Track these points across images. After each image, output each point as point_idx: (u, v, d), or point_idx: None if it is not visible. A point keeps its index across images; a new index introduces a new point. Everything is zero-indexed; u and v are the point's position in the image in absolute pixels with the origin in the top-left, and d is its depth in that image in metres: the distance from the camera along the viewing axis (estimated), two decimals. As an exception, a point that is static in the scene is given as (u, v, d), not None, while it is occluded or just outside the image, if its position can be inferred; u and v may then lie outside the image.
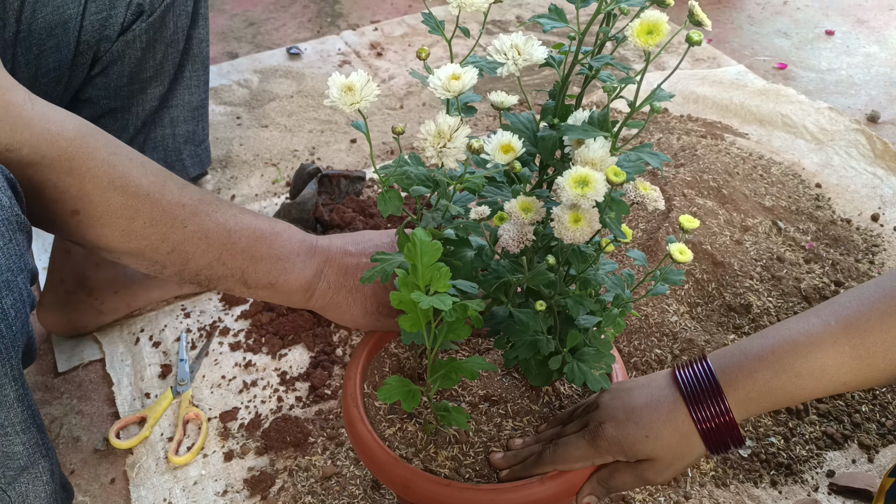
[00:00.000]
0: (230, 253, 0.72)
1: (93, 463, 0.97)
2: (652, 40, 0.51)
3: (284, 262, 0.75)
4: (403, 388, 0.66)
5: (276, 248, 0.75)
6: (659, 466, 0.67)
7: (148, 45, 0.95)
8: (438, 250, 0.59)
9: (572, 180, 0.54)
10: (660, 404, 0.66)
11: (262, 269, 0.74)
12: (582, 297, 0.63)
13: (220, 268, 0.72)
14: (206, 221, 0.71)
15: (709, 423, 0.64)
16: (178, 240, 0.70)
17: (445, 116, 0.58)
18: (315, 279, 0.76)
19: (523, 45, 0.58)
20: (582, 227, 0.56)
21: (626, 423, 0.66)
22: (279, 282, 0.75)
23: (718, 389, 0.64)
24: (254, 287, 0.74)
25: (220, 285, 0.74)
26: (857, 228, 1.26)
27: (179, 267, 0.71)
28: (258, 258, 0.74)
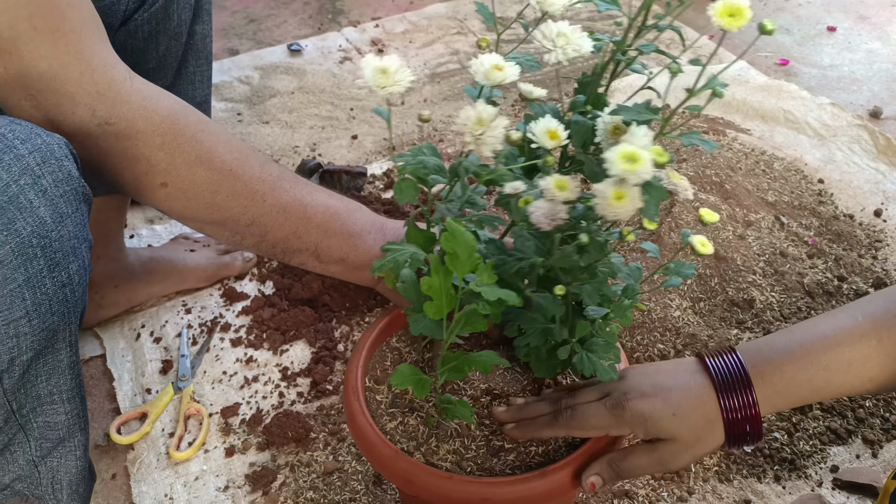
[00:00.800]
0: (305, 227, 0.76)
1: (94, 458, 0.97)
2: (735, 23, 0.52)
3: (356, 239, 0.78)
4: (415, 377, 0.66)
5: (349, 224, 0.79)
6: (678, 448, 0.66)
7: (150, 35, 0.95)
8: (474, 244, 0.58)
9: (621, 156, 0.53)
10: (689, 387, 0.66)
11: (335, 244, 0.78)
12: (601, 283, 0.63)
13: (295, 241, 0.76)
14: (283, 197, 0.75)
15: (735, 412, 0.64)
16: (258, 213, 0.74)
17: (485, 105, 0.58)
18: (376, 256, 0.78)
19: (570, 33, 0.58)
20: (625, 204, 0.55)
21: (655, 398, 0.66)
22: (350, 257, 0.78)
23: (748, 381, 0.64)
24: (326, 261, 0.78)
25: (294, 258, 0.78)
26: (859, 224, 1.26)
27: (258, 239, 0.75)
28: (331, 233, 0.77)
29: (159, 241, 1.27)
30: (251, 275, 1.21)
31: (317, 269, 0.79)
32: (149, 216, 1.33)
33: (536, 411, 0.71)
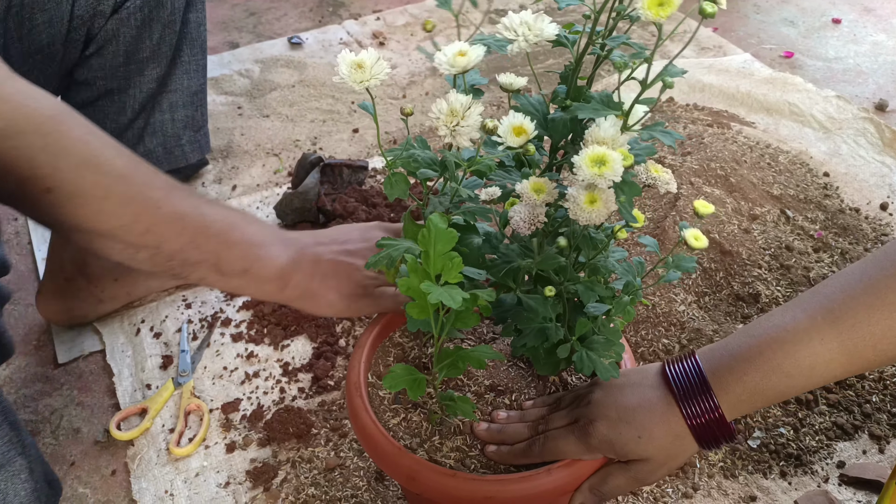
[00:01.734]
0: (204, 236, 0.70)
1: (93, 454, 0.96)
2: (663, 12, 0.50)
3: (258, 249, 0.73)
4: (409, 377, 0.65)
5: (250, 234, 0.74)
6: (652, 466, 0.67)
7: (143, 23, 0.94)
8: (454, 238, 0.57)
9: (589, 159, 0.52)
10: (652, 405, 0.65)
11: (237, 254, 0.72)
12: (593, 282, 0.62)
13: (193, 252, 0.70)
14: (180, 203, 0.70)
15: (699, 418, 0.64)
16: (152, 221, 0.68)
17: (458, 94, 0.57)
18: (290, 268, 0.74)
19: (533, 21, 0.56)
20: (598, 208, 0.54)
21: (619, 422, 0.66)
22: (254, 268, 0.73)
23: (707, 386, 0.64)
24: (228, 274, 0.72)
25: (193, 272, 0.71)
26: (865, 217, 1.25)
27: (153, 251, 0.68)
28: (232, 243, 0.72)
29: (159, 235, 1.26)
30: (252, 269, 1.20)
31: (218, 283, 0.73)
32: (149, 210, 1.32)
33: (515, 435, 0.71)
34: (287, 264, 0.74)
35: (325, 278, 0.76)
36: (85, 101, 0.98)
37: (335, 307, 0.77)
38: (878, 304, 0.60)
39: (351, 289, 0.77)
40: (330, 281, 0.76)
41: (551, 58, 1.73)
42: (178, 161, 1.09)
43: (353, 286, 0.77)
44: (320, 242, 0.78)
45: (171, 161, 1.09)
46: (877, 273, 0.62)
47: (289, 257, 0.75)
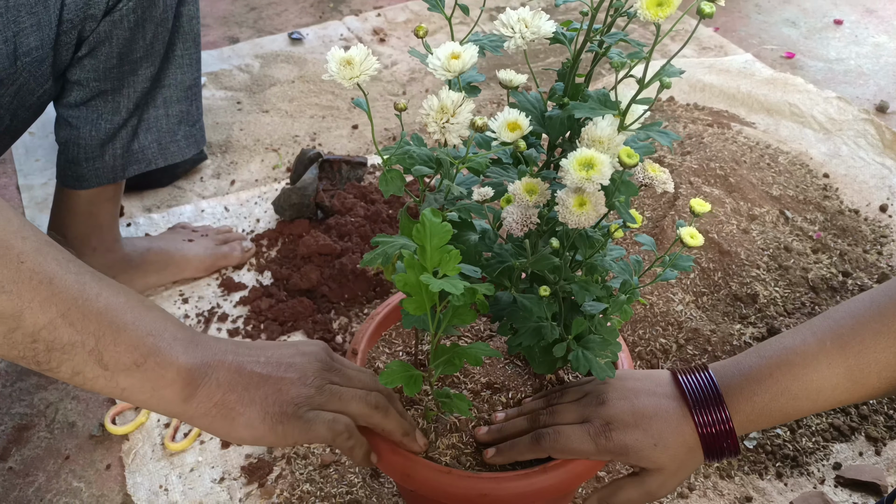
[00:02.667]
0: (81, 311, 0.54)
1: (88, 449, 0.96)
2: (662, 12, 0.49)
3: (157, 339, 0.57)
4: (405, 373, 0.65)
5: (148, 320, 0.57)
6: (664, 477, 0.66)
7: (136, 24, 0.93)
8: (448, 232, 0.57)
9: (577, 163, 0.52)
10: (668, 414, 0.66)
11: (126, 341, 0.55)
12: (588, 282, 0.62)
13: (65, 330, 0.53)
14: (51, 264, 0.54)
15: (710, 427, 0.64)
16: (10, 277, 0.52)
17: (449, 91, 0.57)
18: (199, 371, 0.59)
19: (531, 18, 0.56)
20: (587, 211, 0.54)
21: (636, 428, 0.65)
22: (149, 363, 0.56)
23: (720, 399, 0.65)
24: (113, 368, 0.55)
25: (64, 362, 0.54)
26: (865, 219, 1.24)
27: (10, 323, 0.52)
28: (120, 326, 0.55)
29: (157, 229, 1.26)
30: (249, 265, 1.20)
31: (98, 381, 0.55)
32: (146, 204, 1.32)
33: (516, 429, 0.70)
34: (197, 367, 0.58)
35: (246, 391, 0.60)
36: (79, 102, 0.97)
37: (256, 430, 0.60)
38: (885, 331, 0.62)
39: (279, 407, 0.61)
40: (253, 394, 0.60)
41: (552, 56, 1.73)
42: (173, 156, 1.09)
43: (283, 404, 0.61)
44: (244, 351, 0.63)
45: (167, 157, 1.08)
46: (885, 301, 0.63)
47: (200, 359, 0.59)
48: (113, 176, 1.03)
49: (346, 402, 0.64)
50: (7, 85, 0.86)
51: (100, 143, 1.00)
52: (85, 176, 1.02)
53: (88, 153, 1.00)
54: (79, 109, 0.98)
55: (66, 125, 1.00)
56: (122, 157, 1.03)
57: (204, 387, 0.59)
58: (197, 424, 0.60)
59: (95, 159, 1.01)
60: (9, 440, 0.97)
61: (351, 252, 1.15)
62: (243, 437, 0.61)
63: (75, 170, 1.02)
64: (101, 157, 1.01)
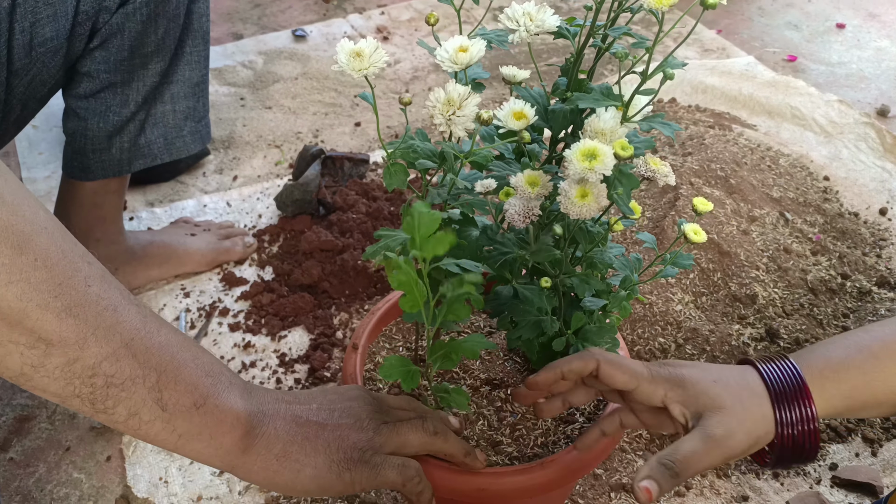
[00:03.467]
0: (144, 343, 0.52)
1: (89, 440, 0.96)
2: (665, 1, 0.50)
3: (215, 381, 0.56)
4: (403, 368, 0.65)
5: (205, 361, 0.56)
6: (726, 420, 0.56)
7: (149, 18, 0.94)
8: (437, 220, 0.57)
9: (580, 153, 0.53)
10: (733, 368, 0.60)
11: (187, 379, 0.53)
12: (588, 276, 0.62)
13: (128, 362, 0.51)
14: (113, 291, 0.52)
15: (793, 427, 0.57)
16: (78, 300, 0.49)
17: (455, 84, 0.57)
18: (258, 419, 0.57)
19: (535, 12, 0.57)
20: (589, 203, 0.54)
21: (695, 367, 0.60)
22: (208, 404, 0.54)
23: (806, 393, 0.58)
24: (171, 409, 0.53)
25: (121, 401, 0.51)
26: (864, 222, 1.25)
27: (72, 353, 0.49)
28: (181, 363, 0.54)
29: (159, 223, 1.27)
30: (251, 260, 1.20)
31: (155, 425, 0.53)
32: (149, 199, 1.33)
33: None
34: (254, 414, 0.57)
35: (308, 440, 0.59)
36: (87, 93, 0.98)
37: (322, 480, 0.59)
38: None
39: (344, 454, 0.60)
40: (316, 444, 0.59)
41: (554, 56, 1.74)
42: (178, 152, 1.09)
43: (347, 450, 0.60)
44: (295, 401, 0.61)
45: (172, 152, 1.09)
46: None
47: (257, 406, 0.57)
48: (119, 169, 1.04)
49: (405, 435, 0.63)
50: (21, 75, 0.86)
51: (107, 136, 1.01)
52: (91, 167, 1.03)
53: (95, 145, 1.01)
54: (88, 101, 0.98)
55: (74, 116, 1.00)
56: (128, 150, 1.03)
57: (262, 437, 0.57)
58: (255, 479, 0.57)
59: (102, 151, 1.02)
60: (10, 431, 0.97)
61: (352, 248, 1.16)
62: (309, 489, 0.59)
63: (82, 161, 1.02)
64: (108, 149, 1.02)
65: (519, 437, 0.71)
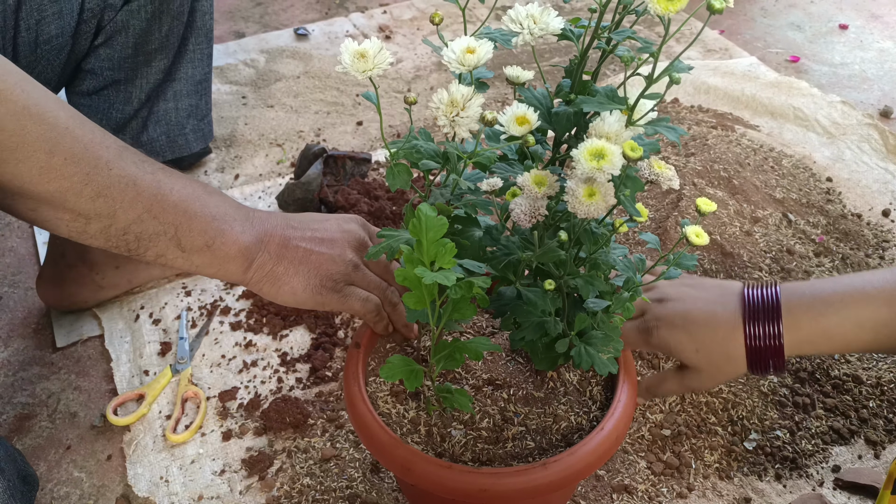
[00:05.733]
0: (161, 205, 0.65)
1: (89, 439, 0.96)
2: (672, 6, 0.50)
3: (221, 223, 0.68)
4: (406, 368, 0.65)
5: (212, 206, 0.68)
6: (701, 378, 0.72)
7: (153, 16, 0.94)
8: (444, 226, 0.57)
9: (588, 153, 0.52)
10: (717, 324, 0.69)
11: (198, 227, 0.66)
12: (593, 277, 0.62)
13: (150, 222, 0.64)
14: (132, 167, 0.64)
15: (759, 341, 0.67)
16: (104, 183, 0.61)
17: (459, 85, 0.57)
18: (254, 246, 0.70)
19: (539, 14, 0.56)
20: (596, 202, 0.54)
21: (681, 331, 0.70)
22: (216, 243, 0.67)
23: (778, 314, 0.66)
24: (188, 250, 0.67)
25: (151, 247, 0.66)
26: (867, 223, 1.25)
27: (106, 221, 0.62)
28: (192, 214, 0.66)
29: (161, 222, 1.26)
30: (252, 259, 1.20)
31: (177, 261, 0.68)
32: (151, 197, 1.32)
33: None
34: (252, 243, 0.70)
35: (291, 264, 0.72)
36: (91, 90, 0.98)
37: (298, 296, 0.73)
38: None
39: (319, 280, 0.72)
40: (298, 267, 0.72)
41: (557, 55, 1.73)
42: (181, 150, 1.09)
43: (322, 278, 0.73)
44: (291, 226, 0.73)
45: (175, 150, 1.09)
46: None
47: (254, 236, 0.70)
48: (120, 166, 1.04)
49: (370, 285, 0.75)
50: (26, 73, 0.86)
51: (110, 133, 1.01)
52: None
53: None
54: (91, 98, 0.98)
55: None
56: None
57: (258, 258, 0.70)
58: (252, 288, 0.72)
59: None
60: (10, 429, 0.97)
61: (354, 248, 1.16)
62: (287, 301, 0.73)
63: None
64: None
65: (522, 438, 0.71)
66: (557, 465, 0.67)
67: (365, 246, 0.75)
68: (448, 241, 0.57)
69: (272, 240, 0.71)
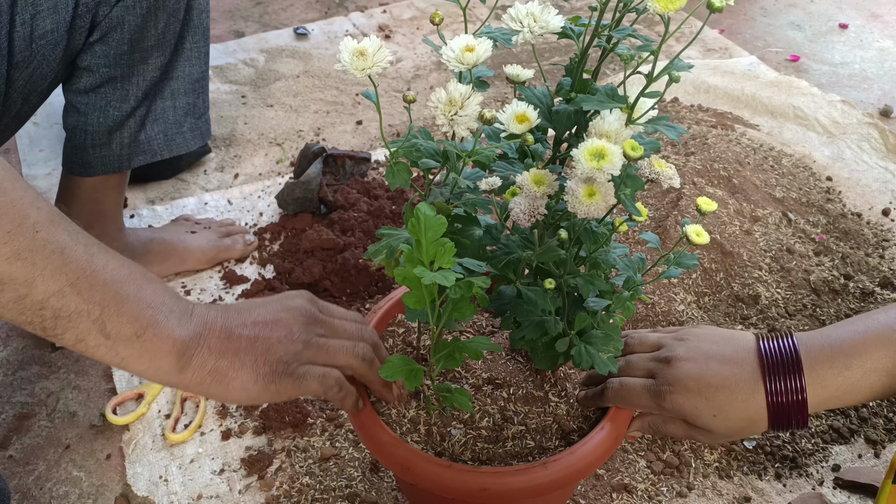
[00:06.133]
0: (89, 281, 0.57)
1: (89, 438, 0.96)
2: (672, 5, 0.49)
3: (156, 312, 0.60)
4: (406, 367, 0.65)
5: (148, 292, 0.60)
6: (714, 438, 0.68)
7: (149, 12, 0.93)
8: (443, 225, 0.57)
9: (588, 153, 0.52)
10: (737, 387, 0.65)
11: (128, 312, 0.58)
12: (593, 276, 0.62)
13: (73, 298, 0.56)
14: (63, 235, 0.57)
15: (782, 396, 0.63)
16: (26, 245, 0.54)
17: (457, 84, 0.57)
18: (192, 342, 0.62)
19: (539, 13, 0.56)
20: (596, 202, 0.54)
21: (697, 396, 0.65)
22: (147, 334, 0.59)
23: (799, 367, 0.63)
24: (114, 338, 0.58)
25: (68, 329, 0.57)
26: (867, 223, 1.25)
27: (22, 289, 0.55)
28: (124, 297, 0.58)
29: (160, 221, 1.26)
30: (252, 258, 1.20)
31: (99, 350, 0.58)
32: (150, 196, 1.32)
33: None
34: (190, 338, 0.61)
35: (237, 356, 0.63)
36: (87, 88, 0.98)
37: (251, 390, 0.64)
38: None
39: (270, 367, 0.64)
40: (244, 358, 0.63)
41: (557, 54, 1.73)
42: (179, 148, 1.09)
43: (273, 364, 0.64)
44: (232, 314, 0.65)
45: (172, 148, 1.09)
46: None
47: (192, 330, 0.62)
48: (118, 165, 1.04)
49: (333, 354, 0.67)
50: (22, 68, 0.86)
51: (107, 131, 1.00)
52: (91, 163, 1.02)
53: (95, 140, 1.01)
54: (87, 96, 0.98)
55: (74, 111, 1.00)
56: (128, 146, 1.03)
57: (197, 357, 0.62)
58: (194, 391, 0.63)
59: (102, 147, 1.02)
60: (9, 429, 0.97)
61: (354, 247, 1.16)
62: (240, 398, 0.64)
63: (81, 156, 1.02)
64: (108, 144, 1.02)
65: (522, 437, 0.71)
66: (557, 464, 0.67)
67: (315, 320, 0.68)
68: (447, 240, 0.57)
69: (212, 333, 0.63)
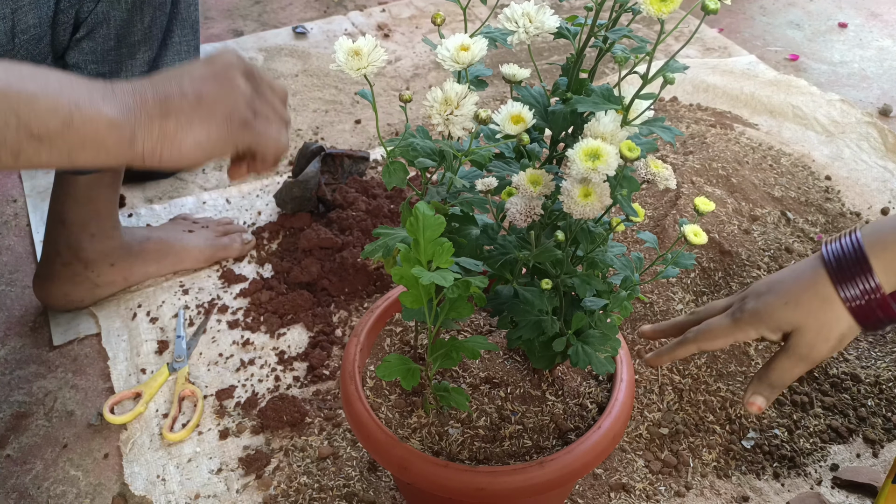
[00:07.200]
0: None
1: (86, 437, 0.96)
2: (665, 7, 0.49)
3: (70, 94, 0.56)
4: (403, 366, 0.65)
5: (53, 83, 0.56)
6: (808, 337, 0.63)
7: (134, 6, 0.93)
8: (441, 225, 0.57)
9: (583, 153, 0.52)
10: (803, 274, 0.63)
11: (44, 106, 0.55)
12: (590, 276, 0.62)
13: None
14: None
15: (858, 301, 0.60)
16: None
17: (453, 84, 0.57)
18: (129, 114, 0.58)
19: (535, 13, 0.56)
20: (592, 202, 0.54)
21: (767, 293, 0.65)
22: (75, 119, 0.55)
23: (866, 264, 0.60)
24: (45, 137, 0.55)
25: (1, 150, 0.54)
26: (866, 222, 1.24)
27: None
28: (31, 95, 0.55)
29: (158, 220, 1.26)
30: (250, 257, 1.20)
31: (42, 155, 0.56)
32: (148, 195, 1.32)
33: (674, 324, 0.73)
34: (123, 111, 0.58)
35: (183, 114, 0.60)
36: None
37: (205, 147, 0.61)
38: None
39: (223, 119, 0.61)
40: (192, 116, 0.60)
41: (555, 53, 1.73)
42: None
43: (226, 116, 0.61)
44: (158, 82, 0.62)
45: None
46: None
47: (121, 102, 0.58)
48: (111, 161, 1.03)
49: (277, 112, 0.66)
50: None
51: None
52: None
53: None
54: None
55: None
56: None
57: (140, 126, 0.58)
58: (152, 163, 0.60)
59: None
60: (7, 428, 0.97)
61: (352, 246, 1.15)
62: (196, 156, 0.61)
63: None
64: None
65: (519, 436, 0.71)
66: (555, 463, 0.67)
67: (250, 72, 0.65)
68: (445, 240, 0.57)
69: (146, 102, 0.59)
